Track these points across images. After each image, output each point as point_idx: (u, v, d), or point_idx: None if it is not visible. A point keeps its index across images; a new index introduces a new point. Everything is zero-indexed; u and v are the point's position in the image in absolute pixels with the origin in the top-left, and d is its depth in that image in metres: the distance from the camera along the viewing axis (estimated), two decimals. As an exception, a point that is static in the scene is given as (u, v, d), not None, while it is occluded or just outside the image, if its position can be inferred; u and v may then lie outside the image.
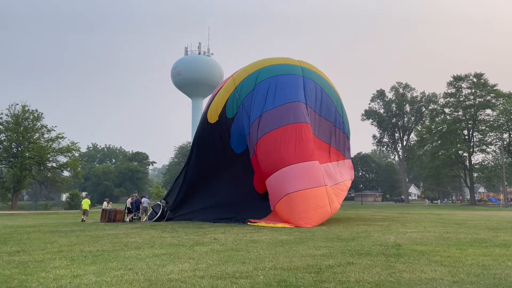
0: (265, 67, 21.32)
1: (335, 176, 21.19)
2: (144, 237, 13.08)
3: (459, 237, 12.16)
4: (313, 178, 18.10)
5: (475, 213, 33.05)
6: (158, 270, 7.15)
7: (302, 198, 17.45)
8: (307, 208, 17.21)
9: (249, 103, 20.26)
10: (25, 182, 56.44)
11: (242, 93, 20.73)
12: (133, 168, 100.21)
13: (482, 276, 6.47)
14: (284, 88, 20.01)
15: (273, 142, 18.72)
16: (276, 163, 18.55)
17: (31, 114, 56.59)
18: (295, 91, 20.03)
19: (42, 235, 14.38)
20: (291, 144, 18.52)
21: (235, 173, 21.42)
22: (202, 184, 22.37)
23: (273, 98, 19.66)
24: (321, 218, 17.51)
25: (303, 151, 18.54)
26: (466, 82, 68.33)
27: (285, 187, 17.86)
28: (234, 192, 21.05)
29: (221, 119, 21.35)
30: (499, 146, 65.66)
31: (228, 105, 21.11)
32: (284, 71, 21.03)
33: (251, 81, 20.78)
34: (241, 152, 21.04)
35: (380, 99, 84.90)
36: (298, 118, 19.02)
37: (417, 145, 79.29)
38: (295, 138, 18.61)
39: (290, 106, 19.35)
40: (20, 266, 7.79)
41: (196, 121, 66.39)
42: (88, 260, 8.45)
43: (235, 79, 21.61)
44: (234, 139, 21.08)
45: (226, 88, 21.78)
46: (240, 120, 20.59)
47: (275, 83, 20.22)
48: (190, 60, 64.78)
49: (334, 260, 7.98)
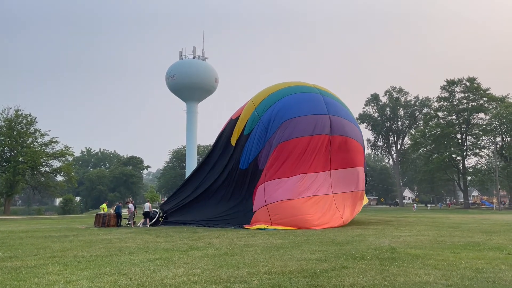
0: (283, 88, 22.65)
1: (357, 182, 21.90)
2: (138, 242, 13.01)
3: (453, 241, 12.21)
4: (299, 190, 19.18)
5: (469, 216, 33.23)
6: (152, 275, 7.11)
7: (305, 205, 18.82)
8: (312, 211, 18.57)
9: (268, 118, 21.12)
10: (18, 187, 56.06)
11: (261, 111, 21.76)
12: (127, 173, 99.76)
13: (475, 279, 6.50)
14: (306, 101, 21.32)
15: (292, 149, 19.75)
16: (284, 170, 19.57)
17: (24, 119, 56.30)
18: (316, 105, 21.16)
19: (35, 241, 14.25)
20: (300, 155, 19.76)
21: (236, 188, 21.68)
22: (205, 197, 22.54)
23: (297, 109, 20.75)
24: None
25: (304, 164, 19.70)
26: (459, 86, 68.96)
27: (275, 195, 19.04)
28: (233, 206, 21.22)
29: (239, 138, 22.36)
30: (492, 149, 66.18)
31: (248, 124, 22.16)
32: (303, 90, 22.46)
33: (271, 100, 21.90)
34: (245, 169, 21.45)
35: (374, 103, 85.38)
36: (316, 131, 20.09)
37: (411, 149, 79.72)
38: (307, 149, 19.85)
39: (311, 117, 20.50)
40: (13, 272, 7.71)
41: (191, 125, 66.29)
42: (81, 266, 8.38)
43: (254, 101, 22.74)
44: (244, 155, 21.68)
45: (246, 110, 22.88)
46: (254, 135, 21.37)
47: (297, 98, 21.53)
48: (185, 64, 64.66)
49: (329, 264, 7.97)
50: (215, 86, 66.94)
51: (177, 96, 66.79)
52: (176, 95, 66.57)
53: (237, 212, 20.58)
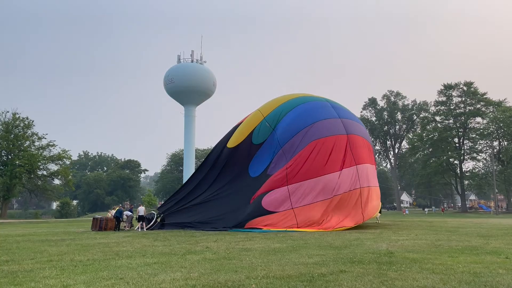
0: (292, 99, 23.82)
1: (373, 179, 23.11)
2: (136, 246, 12.97)
3: (450, 245, 12.22)
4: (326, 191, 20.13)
5: (467, 220, 33.28)
6: (149, 279, 7.09)
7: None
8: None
9: (283, 127, 21.96)
10: (15, 190, 55.85)
11: (272, 122, 22.57)
12: (125, 176, 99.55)
13: (473, 283, 6.50)
14: (318, 108, 22.75)
15: (319, 149, 20.87)
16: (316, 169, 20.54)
17: (21, 122, 56.16)
18: (327, 111, 22.68)
19: (31, 244, 14.19)
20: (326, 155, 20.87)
21: (245, 194, 21.61)
22: (204, 201, 22.63)
23: (314, 115, 22.03)
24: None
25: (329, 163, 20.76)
26: (457, 91, 69.21)
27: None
28: (237, 209, 21.33)
29: (243, 145, 22.87)
30: (489, 153, 66.37)
31: (255, 132, 22.81)
32: (311, 99, 23.93)
33: (282, 111, 22.80)
34: (256, 176, 21.86)
35: (372, 107, 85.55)
36: (335, 131, 21.49)
37: (409, 153, 79.87)
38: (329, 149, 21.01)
39: (327, 121, 21.84)
40: (9, 276, 7.67)
41: (189, 129, 66.28)
42: (78, 270, 8.34)
43: (262, 111, 23.53)
44: (254, 164, 22.17)
45: (253, 118, 23.68)
46: (269, 145, 22.03)
47: (309, 106, 22.87)
48: (183, 68, 64.70)
49: (327, 268, 7.97)
50: (213, 89, 66.97)
51: (175, 99, 66.79)
52: (174, 98, 66.58)
53: (240, 214, 20.65)
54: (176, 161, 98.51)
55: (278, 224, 19.11)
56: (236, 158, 22.76)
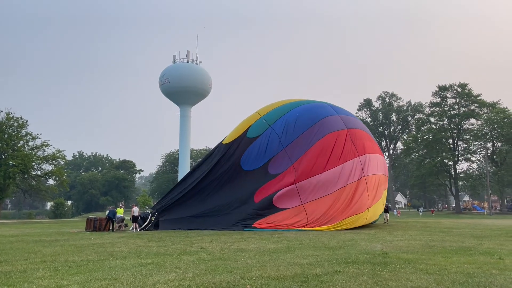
0: (291, 102, 24.55)
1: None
2: (130, 247, 12.92)
3: (444, 245, 12.28)
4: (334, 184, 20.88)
5: (460, 221, 33.45)
6: (144, 280, 7.07)
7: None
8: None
9: (281, 127, 22.41)
10: (9, 190, 55.36)
11: (270, 120, 23.15)
12: (119, 177, 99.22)
13: (466, 284, 6.54)
14: (317, 108, 23.76)
15: (326, 145, 21.67)
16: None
17: (15, 122, 55.69)
18: (327, 110, 23.70)
19: (25, 245, 14.10)
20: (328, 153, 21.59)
21: (238, 187, 22.07)
22: (196, 193, 22.88)
23: (315, 114, 22.82)
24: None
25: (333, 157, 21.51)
26: (451, 92, 69.60)
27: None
28: (231, 203, 21.73)
29: (238, 140, 23.23)
30: (483, 155, 66.87)
31: (251, 128, 23.27)
32: (309, 102, 24.86)
33: (280, 111, 23.51)
34: (250, 170, 22.11)
35: (367, 108, 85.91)
36: (336, 127, 22.28)
37: (404, 154, 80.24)
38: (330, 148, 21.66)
39: (327, 119, 22.64)
40: (3, 277, 7.62)
41: (184, 129, 66.22)
42: (72, 270, 8.31)
43: (260, 112, 24.38)
44: (248, 158, 22.37)
45: (250, 118, 24.38)
46: (262, 141, 22.36)
47: (309, 107, 23.68)
48: (178, 68, 64.58)
49: (321, 269, 7.98)
50: (208, 90, 66.93)
51: (171, 99, 66.69)
52: (170, 98, 66.47)
53: (234, 210, 21.21)
54: (171, 161, 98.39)
55: (289, 219, 19.95)
56: (229, 152, 23.12)
